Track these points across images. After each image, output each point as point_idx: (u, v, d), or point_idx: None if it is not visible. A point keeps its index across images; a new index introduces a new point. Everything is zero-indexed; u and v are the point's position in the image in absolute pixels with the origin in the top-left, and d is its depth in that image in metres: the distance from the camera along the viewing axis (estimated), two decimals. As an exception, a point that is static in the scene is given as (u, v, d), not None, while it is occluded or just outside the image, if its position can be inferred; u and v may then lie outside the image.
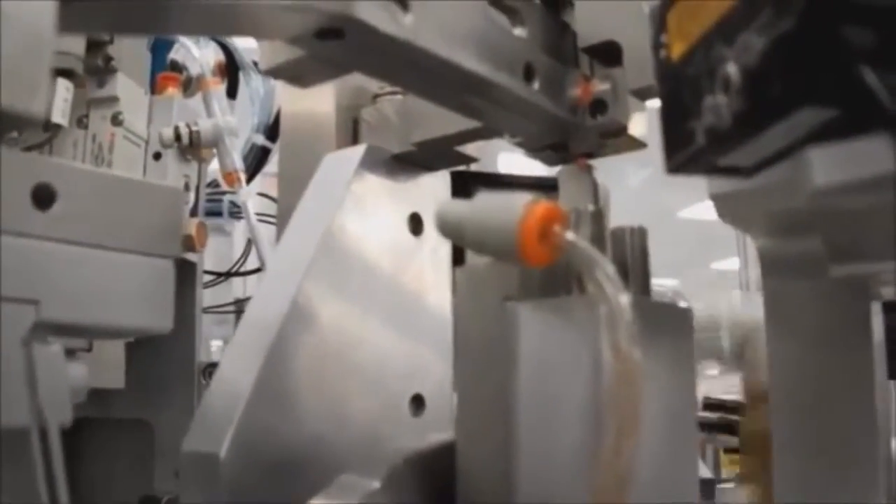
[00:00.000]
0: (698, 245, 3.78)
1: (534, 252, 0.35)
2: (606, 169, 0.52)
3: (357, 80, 0.58)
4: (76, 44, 0.88)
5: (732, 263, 3.84)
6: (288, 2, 0.33)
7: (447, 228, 0.39)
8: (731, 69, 0.28)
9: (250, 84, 1.25)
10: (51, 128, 0.88)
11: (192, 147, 1.01)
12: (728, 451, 1.43)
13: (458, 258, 0.58)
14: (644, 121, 0.50)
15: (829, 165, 0.28)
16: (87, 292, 0.46)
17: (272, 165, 1.29)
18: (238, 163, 1.07)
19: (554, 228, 0.35)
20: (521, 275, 0.40)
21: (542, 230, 0.34)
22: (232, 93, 1.21)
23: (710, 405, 1.44)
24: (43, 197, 0.44)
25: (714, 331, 1.02)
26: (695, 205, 4.30)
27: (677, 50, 0.33)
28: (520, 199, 0.35)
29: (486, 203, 0.37)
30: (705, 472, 1.32)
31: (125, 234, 0.47)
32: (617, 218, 0.43)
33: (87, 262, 0.46)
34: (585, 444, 0.36)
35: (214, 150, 1.07)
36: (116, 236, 0.47)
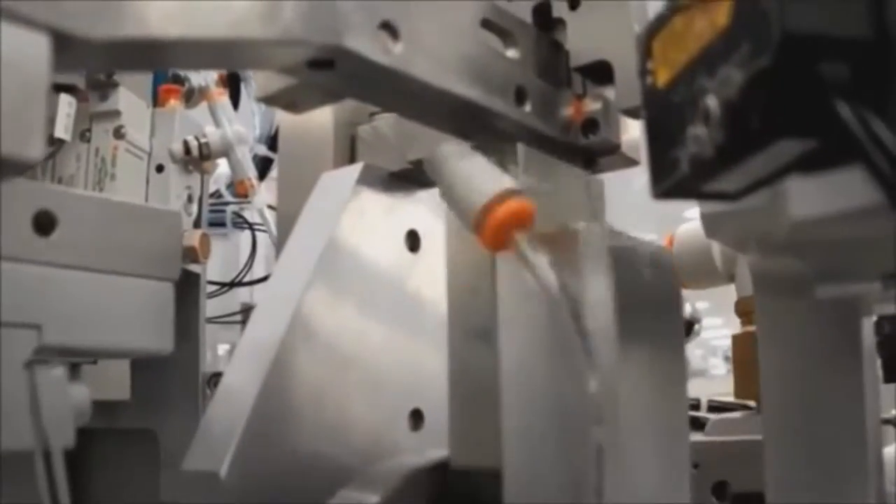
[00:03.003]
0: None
1: (487, 242, 0.37)
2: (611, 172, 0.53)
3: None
4: (78, 59, 0.89)
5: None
6: (280, 35, 0.33)
7: (432, 164, 0.40)
8: (711, 102, 0.28)
9: (252, 95, 1.26)
10: (54, 142, 0.89)
11: (202, 159, 1.01)
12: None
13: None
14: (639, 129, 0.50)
15: (807, 197, 0.29)
16: (88, 316, 0.46)
17: (275, 172, 1.29)
18: (251, 170, 1.07)
19: (512, 233, 0.37)
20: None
21: (500, 230, 0.37)
22: (234, 104, 1.22)
23: (715, 408, 1.44)
24: (44, 223, 0.44)
25: (706, 253, 1.04)
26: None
27: (663, 77, 0.33)
28: (498, 184, 0.37)
29: (473, 169, 0.39)
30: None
31: (125, 258, 0.48)
32: (624, 221, 0.43)
33: (88, 286, 0.46)
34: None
35: (217, 161, 1.07)
36: (116, 260, 0.48)
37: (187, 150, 0.99)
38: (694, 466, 0.65)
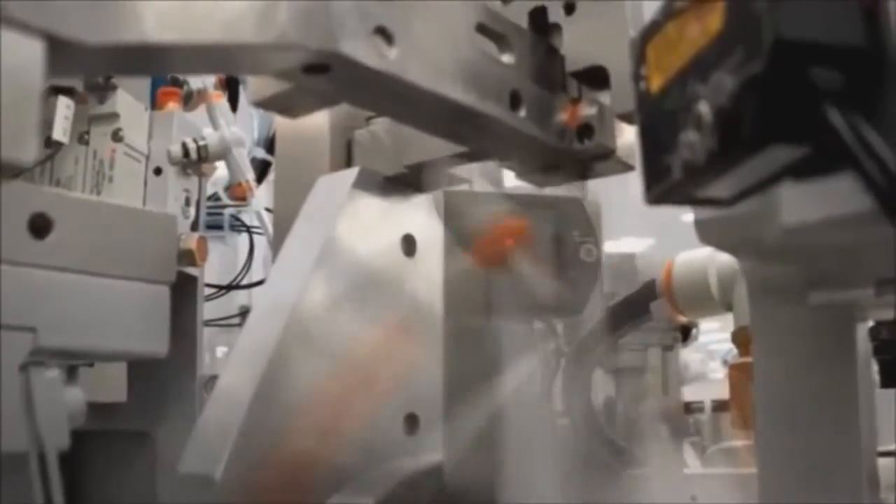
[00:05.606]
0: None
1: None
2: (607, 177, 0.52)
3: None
4: (76, 62, 0.89)
5: (736, 267, 3.82)
6: (275, 40, 0.33)
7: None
8: (703, 108, 0.28)
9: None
10: (52, 145, 0.89)
11: (200, 162, 1.01)
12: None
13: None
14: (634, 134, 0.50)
15: (798, 204, 0.29)
16: (83, 319, 0.46)
17: (272, 175, 1.29)
18: (248, 173, 1.08)
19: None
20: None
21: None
22: (233, 106, 1.22)
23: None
24: (39, 226, 0.44)
25: (703, 282, 1.02)
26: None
27: (656, 83, 0.33)
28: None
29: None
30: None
31: (120, 261, 0.48)
32: (622, 224, 0.43)
33: (83, 289, 0.46)
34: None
35: (216, 164, 1.07)
36: (112, 263, 0.48)
37: (185, 152, 0.99)
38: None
